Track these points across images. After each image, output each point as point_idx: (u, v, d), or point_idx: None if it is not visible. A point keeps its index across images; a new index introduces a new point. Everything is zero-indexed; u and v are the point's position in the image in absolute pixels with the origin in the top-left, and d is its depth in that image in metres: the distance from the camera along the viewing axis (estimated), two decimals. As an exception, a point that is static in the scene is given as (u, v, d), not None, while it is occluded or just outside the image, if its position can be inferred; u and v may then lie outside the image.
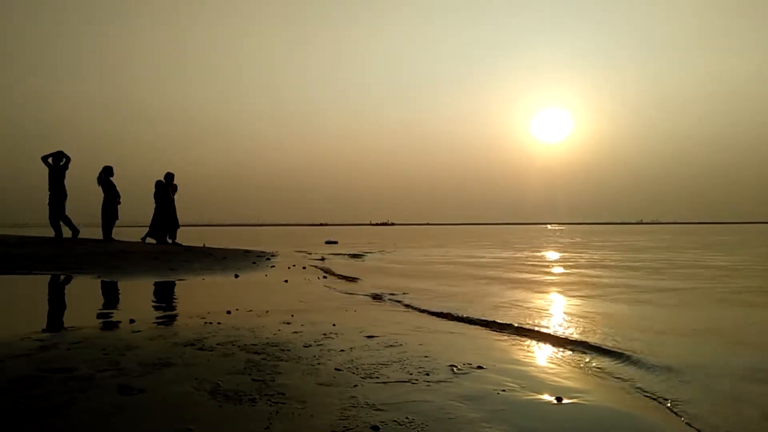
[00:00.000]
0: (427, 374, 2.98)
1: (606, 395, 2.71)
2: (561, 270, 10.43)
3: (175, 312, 5.16)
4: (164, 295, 6.59)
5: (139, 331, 4.05)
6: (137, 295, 6.67)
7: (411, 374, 2.97)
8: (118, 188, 13.30)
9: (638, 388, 2.86)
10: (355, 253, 17.29)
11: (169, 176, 14.34)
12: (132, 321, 4.42)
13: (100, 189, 13.09)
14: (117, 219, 13.45)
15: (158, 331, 4.10)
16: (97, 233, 13.70)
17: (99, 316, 4.98)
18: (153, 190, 14.17)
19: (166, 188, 14.20)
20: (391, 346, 3.68)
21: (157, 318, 4.75)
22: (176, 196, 14.47)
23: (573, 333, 4.23)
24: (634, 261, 12.67)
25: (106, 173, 13.12)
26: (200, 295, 6.61)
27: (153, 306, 5.69)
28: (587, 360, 3.45)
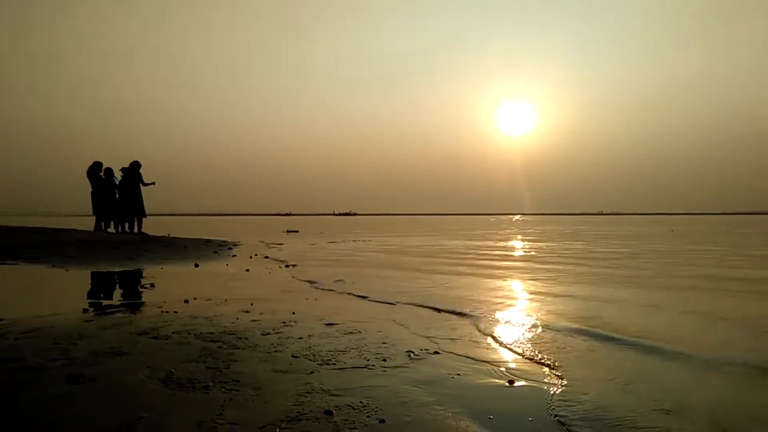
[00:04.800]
0: (384, 360, 3.03)
1: (554, 375, 2.79)
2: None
3: (130, 301, 5.06)
4: (121, 285, 6.44)
5: (92, 320, 3.97)
6: (92, 284, 6.50)
7: (368, 360, 3.01)
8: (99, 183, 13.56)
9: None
10: (314, 242, 17.24)
11: (135, 165, 13.96)
12: (85, 310, 4.32)
13: (88, 183, 13.46)
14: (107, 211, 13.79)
15: (112, 320, 4.01)
16: (88, 224, 14.05)
17: (50, 305, 4.83)
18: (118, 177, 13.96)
19: (127, 175, 13.88)
20: (351, 333, 3.72)
21: (112, 307, 4.64)
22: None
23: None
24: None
25: (95, 169, 13.51)
26: (158, 285, 6.48)
27: (108, 295, 5.56)
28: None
